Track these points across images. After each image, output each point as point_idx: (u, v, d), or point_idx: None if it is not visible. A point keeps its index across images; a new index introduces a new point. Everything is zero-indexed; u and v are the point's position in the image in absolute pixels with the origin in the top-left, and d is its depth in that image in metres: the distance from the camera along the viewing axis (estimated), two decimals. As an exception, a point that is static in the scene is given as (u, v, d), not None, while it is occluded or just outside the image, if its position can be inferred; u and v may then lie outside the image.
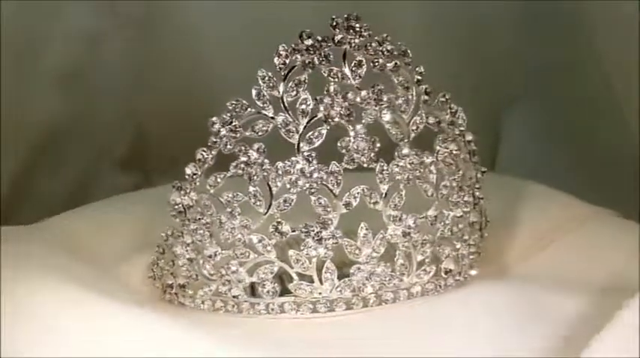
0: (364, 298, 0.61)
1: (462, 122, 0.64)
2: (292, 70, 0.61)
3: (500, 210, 0.73)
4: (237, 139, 0.61)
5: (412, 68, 0.63)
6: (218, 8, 0.92)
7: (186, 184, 0.62)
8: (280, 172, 0.60)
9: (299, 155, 0.60)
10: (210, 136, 0.61)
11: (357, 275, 0.61)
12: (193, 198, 0.62)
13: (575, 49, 0.90)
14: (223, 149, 0.61)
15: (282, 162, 0.60)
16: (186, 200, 0.62)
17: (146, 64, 0.94)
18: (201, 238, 0.62)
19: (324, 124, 0.60)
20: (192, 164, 0.62)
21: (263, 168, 0.60)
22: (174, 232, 0.64)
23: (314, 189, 0.60)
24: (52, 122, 0.91)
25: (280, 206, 0.60)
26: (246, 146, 0.61)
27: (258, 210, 0.60)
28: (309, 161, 0.60)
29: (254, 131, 0.61)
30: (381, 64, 0.62)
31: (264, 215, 0.60)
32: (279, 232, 0.60)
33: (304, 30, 0.61)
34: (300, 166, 0.60)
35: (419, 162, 0.62)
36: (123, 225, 0.74)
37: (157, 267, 0.66)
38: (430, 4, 0.93)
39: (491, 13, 0.94)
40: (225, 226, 0.61)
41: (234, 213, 0.61)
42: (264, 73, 0.61)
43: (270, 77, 0.61)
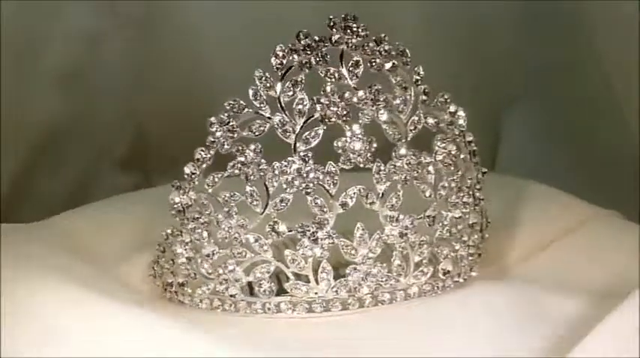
0: (360, 298, 0.61)
1: (461, 122, 0.64)
2: (289, 70, 0.61)
3: (501, 210, 0.73)
4: (234, 139, 0.61)
5: (411, 68, 0.63)
6: (218, 8, 0.93)
7: (185, 184, 0.62)
8: (277, 172, 0.60)
9: (295, 155, 0.60)
10: (208, 136, 0.61)
11: (353, 276, 0.61)
12: (192, 197, 0.62)
13: (575, 49, 0.90)
14: (220, 149, 0.61)
15: (278, 162, 0.60)
16: (185, 199, 0.62)
17: (146, 64, 0.94)
18: (200, 237, 0.62)
19: (321, 124, 0.60)
20: (191, 163, 0.62)
21: (259, 168, 0.60)
22: (173, 231, 0.64)
23: (310, 189, 0.60)
24: (52, 122, 0.91)
25: (277, 206, 0.60)
26: (243, 146, 0.61)
27: (255, 210, 0.60)
28: (306, 161, 0.60)
29: (251, 131, 0.61)
30: (379, 64, 0.62)
31: (261, 214, 0.60)
32: (276, 232, 0.60)
33: (301, 30, 0.61)
34: (297, 166, 0.60)
35: (417, 163, 0.61)
36: (123, 225, 0.74)
37: (158, 266, 0.66)
38: (430, 4, 0.93)
39: (491, 13, 0.94)
40: (222, 225, 0.61)
41: (231, 213, 0.61)
42: (262, 73, 0.61)
43: (267, 77, 0.61)
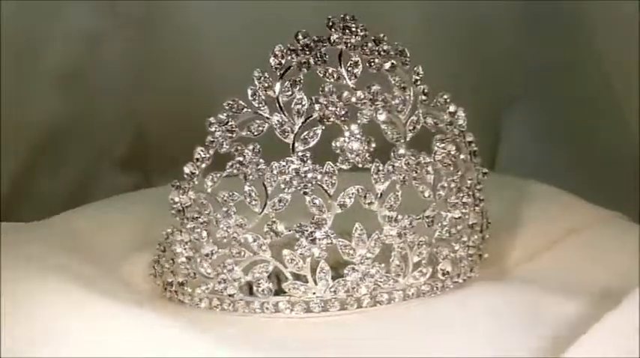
0: (358, 299, 0.61)
1: (461, 122, 0.64)
2: (288, 70, 0.61)
3: (502, 210, 0.73)
4: (233, 139, 0.61)
5: (410, 68, 0.63)
6: (218, 8, 0.93)
7: (185, 183, 0.62)
8: (275, 172, 0.60)
9: (294, 155, 0.60)
10: (207, 136, 0.61)
11: (351, 276, 0.61)
12: (191, 197, 0.62)
13: (575, 49, 0.90)
14: (219, 149, 0.61)
15: (277, 162, 0.60)
16: (184, 199, 0.62)
17: (146, 64, 0.94)
18: (199, 237, 0.62)
19: (319, 124, 0.60)
20: (191, 163, 0.62)
21: (258, 168, 0.60)
22: (173, 230, 0.64)
23: (308, 189, 0.60)
24: (52, 122, 0.91)
25: (275, 206, 0.60)
26: (241, 146, 0.61)
27: (254, 210, 0.60)
28: (304, 161, 0.60)
29: (250, 131, 0.61)
30: (378, 64, 0.62)
31: (260, 214, 0.60)
32: (274, 232, 0.60)
33: (300, 30, 0.61)
34: (295, 166, 0.60)
35: (415, 163, 0.61)
36: (123, 225, 0.75)
37: (158, 265, 0.66)
38: (430, 4, 0.93)
39: (491, 13, 0.94)
40: (220, 225, 0.61)
41: (230, 212, 0.61)
42: (260, 73, 0.61)
43: (266, 77, 0.61)
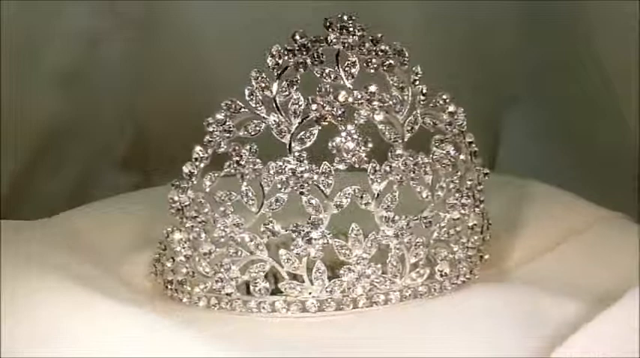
0: (354, 299, 0.61)
1: (461, 123, 0.64)
2: (285, 70, 0.61)
3: (503, 211, 0.73)
4: (230, 139, 0.61)
5: (408, 68, 0.63)
6: (218, 8, 0.93)
7: (184, 183, 0.62)
8: (272, 172, 0.60)
9: (290, 155, 0.60)
10: (205, 136, 0.62)
11: (347, 276, 0.61)
12: (190, 196, 0.62)
13: (575, 49, 0.90)
14: (217, 149, 0.61)
15: (273, 162, 0.60)
16: (183, 198, 0.63)
17: (146, 64, 0.94)
18: (197, 236, 0.62)
19: (316, 124, 0.60)
20: (189, 163, 0.62)
21: (255, 168, 0.60)
22: (173, 229, 0.64)
23: (305, 189, 0.60)
24: (52, 122, 0.91)
25: (272, 205, 0.60)
26: (238, 146, 0.61)
27: (251, 209, 0.61)
28: (301, 161, 0.60)
29: (247, 131, 0.61)
30: (375, 64, 0.62)
31: (256, 214, 0.60)
32: (271, 231, 0.60)
33: (297, 30, 0.61)
34: (291, 166, 0.60)
35: (413, 163, 0.61)
36: (123, 224, 0.75)
37: (159, 263, 0.66)
38: (430, 4, 0.93)
39: (491, 13, 0.94)
40: (218, 224, 0.61)
41: (227, 212, 0.61)
42: (257, 73, 0.61)
43: (263, 77, 0.61)
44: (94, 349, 0.55)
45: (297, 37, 0.61)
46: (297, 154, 0.60)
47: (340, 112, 0.60)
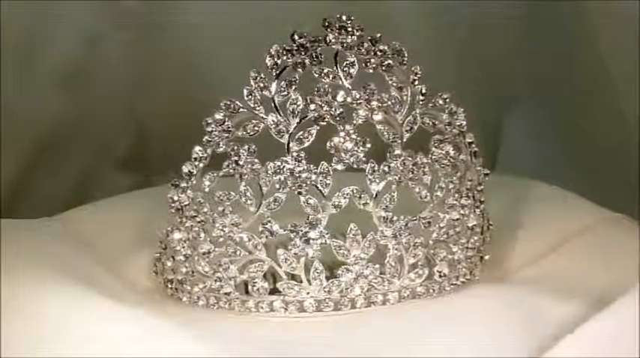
0: (352, 299, 0.61)
1: (461, 123, 0.64)
2: (284, 70, 0.61)
3: (506, 211, 0.73)
4: (229, 139, 0.61)
5: (407, 68, 0.63)
6: (218, 8, 0.92)
7: (183, 182, 0.63)
8: (270, 172, 0.60)
9: (289, 155, 0.60)
10: (205, 136, 0.62)
11: (344, 277, 0.61)
12: (190, 195, 0.62)
13: (575, 49, 0.90)
14: (216, 148, 0.62)
15: (272, 162, 0.60)
16: (183, 197, 0.63)
17: (146, 64, 0.94)
18: (196, 235, 0.63)
19: (314, 125, 0.60)
20: (189, 162, 0.62)
21: (253, 168, 0.60)
22: (173, 229, 0.64)
23: (303, 189, 0.60)
24: (52, 122, 0.91)
25: (270, 205, 0.60)
26: (237, 145, 0.61)
27: (249, 209, 0.61)
28: (299, 161, 0.60)
29: (246, 131, 0.61)
30: (374, 64, 0.62)
31: (255, 214, 0.61)
32: (269, 231, 0.60)
33: (296, 30, 0.61)
34: (290, 166, 0.60)
35: (412, 164, 0.61)
36: (124, 224, 0.75)
37: (160, 263, 0.67)
38: (430, 4, 0.93)
39: (491, 13, 0.94)
40: (216, 224, 0.61)
41: (226, 212, 0.61)
42: (256, 73, 0.61)
43: (262, 77, 0.61)
44: (93, 349, 0.55)
45: (296, 37, 0.61)
46: (295, 154, 0.60)
47: (339, 112, 0.60)
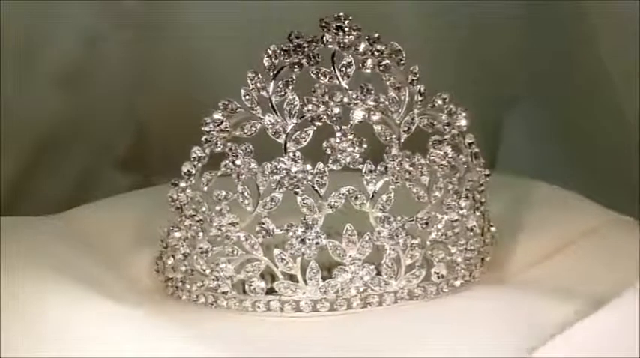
0: (348, 300, 0.61)
1: (461, 123, 0.63)
2: (281, 70, 0.61)
3: (508, 211, 0.72)
4: (227, 139, 0.61)
5: (405, 68, 0.63)
6: (217, 8, 0.92)
7: (183, 181, 0.63)
8: (267, 172, 0.60)
9: (285, 155, 0.60)
10: (203, 135, 0.62)
11: (340, 277, 0.61)
12: (189, 195, 0.63)
13: (575, 49, 0.90)
14: (214, 148, 0.62)
15: (268, 162, 0.60)
16: (182, 197, 0.63)
17: (146, 64, 0.94)
18: (195, 234, 0.63)
19: (311, 125, 0.60)
20: (188, 161, 0.63)
21: (250, 168, 0.61)
22: (173, 228, 0.64)
23: (299, 189, 0.60)
24: (52, 122, 0.91)
25: (267, 205, 0.60)
26: (235, 145, 0.61)
27: (246, 209, 0.61)
28: (295, 161, 0.60)
29: (243, 131, 0.61)
30: (371, 65, 0.62)
31: (252, 213, 0.61)
32: (265, 231, 0.60)
33: (293, 30, 0.61)
34: (286, 166, 0.60)
35: (410, 164, 0.61)
36: (124, 224, 0.75)
37: (161, 261, 0.67)
38: (430, 4, 0.93)
39: (491, 13, 0.94)
40: (214, 223, 0.61)
41: (223, 211, 0.61)
42: (254, 73, 0.61)
43: (259, 77, 0.61)
44: (93, 349, 0.55)
45: (293, 37, 0.61)
46: (292, 154, 0.60)
47: (335, 112, 0.60)
